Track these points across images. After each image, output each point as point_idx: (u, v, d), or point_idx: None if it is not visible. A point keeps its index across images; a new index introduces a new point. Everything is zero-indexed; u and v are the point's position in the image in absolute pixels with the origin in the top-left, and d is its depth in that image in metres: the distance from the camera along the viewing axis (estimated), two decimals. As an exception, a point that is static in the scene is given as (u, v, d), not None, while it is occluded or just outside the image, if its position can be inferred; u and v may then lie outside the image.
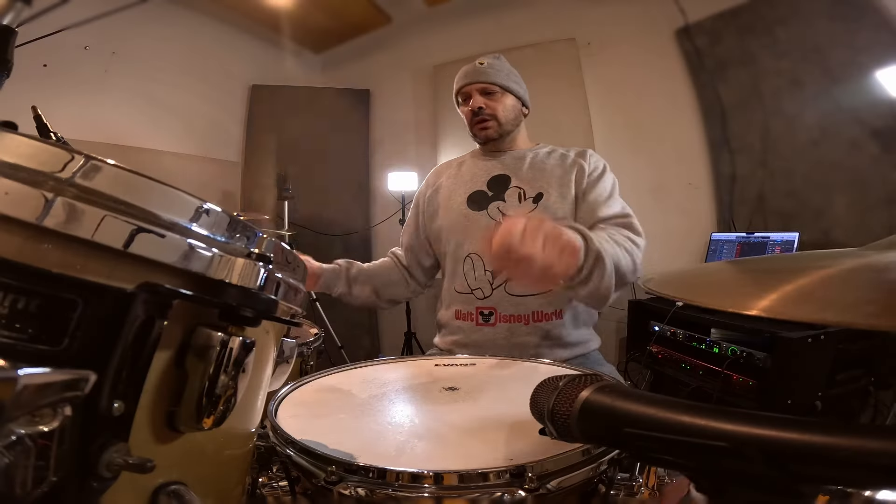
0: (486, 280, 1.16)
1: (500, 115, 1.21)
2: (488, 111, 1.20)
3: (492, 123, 1.21)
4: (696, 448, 0.35)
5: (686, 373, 1.83)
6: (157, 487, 0.35)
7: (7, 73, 0.45)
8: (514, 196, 1.19)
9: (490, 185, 1.22)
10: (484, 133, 1.22)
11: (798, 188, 2.18)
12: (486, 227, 1.16)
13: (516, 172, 1.22)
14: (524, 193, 1.18)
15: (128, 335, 0.31)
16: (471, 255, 1.18)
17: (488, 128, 1.21)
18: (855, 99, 2.00)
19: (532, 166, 1.22)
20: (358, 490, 0.47)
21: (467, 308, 1.18)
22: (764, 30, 2.22)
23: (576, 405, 0.43)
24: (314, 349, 1.36)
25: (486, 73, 1.21)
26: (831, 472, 0.31)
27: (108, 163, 0.32)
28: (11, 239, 0.29)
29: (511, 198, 1.19)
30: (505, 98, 1.22)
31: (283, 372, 0.55)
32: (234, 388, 0.37)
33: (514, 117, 1.24)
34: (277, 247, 0.42)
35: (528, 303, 1.13)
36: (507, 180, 1.21)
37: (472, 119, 1.23)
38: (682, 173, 2.49)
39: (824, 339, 1.53)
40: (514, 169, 1.22)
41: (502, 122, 1.22)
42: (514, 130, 1.26)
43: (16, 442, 0.26)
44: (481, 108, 1.20)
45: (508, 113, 1.22)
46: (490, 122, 1.21)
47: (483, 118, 1.21)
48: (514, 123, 1.25)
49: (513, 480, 0.46)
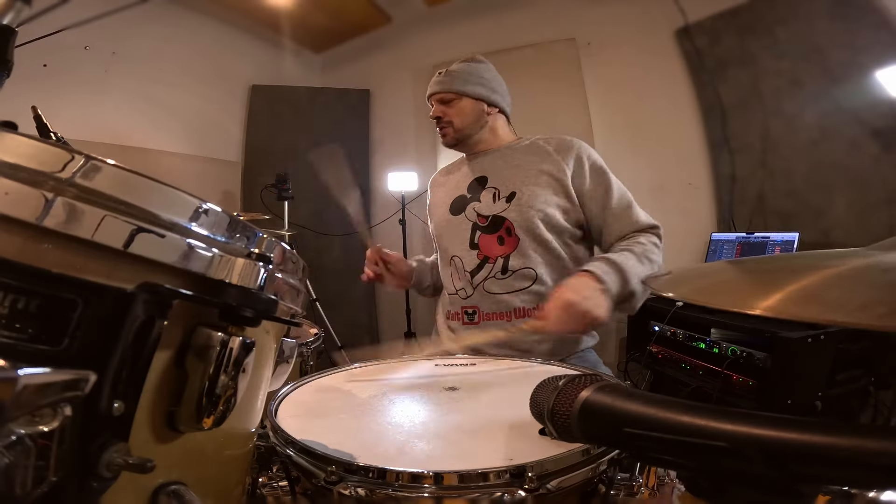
0: (468, 280, 1.18)
1: (455, 122, 1.25)
2: (445, 119, 1.25)
3: (448, 130, 1.26)
4: (696, 448, 0.35)
5: (686, 373, 1.83)
6: (157, 487, 0.35)
7: (7, 73, 0.45)
8: (489, 196, 1.21)
9: (470, 188, 1.25)
10: (444, 140, 1.28)
11: (798, 188, 2.18)
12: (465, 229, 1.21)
13: (493, 172, 1.24)
14: (498, 193, 1.20)
15: (128, 335, 0.31)
16: (454, 257, 1.22)
17: (446, 135, 1.27)
18: (855, 99, 2.00)
19: (508, 164, 1.23)
20: (358, 490, 0.47)
21: (454, 308, 1.22)
22: (764, 30, 2.22)
23: (576, 405, 0.43)
24: (314, 349, 1.36)
25: (441, 82, 1.26)
26: (831, 472, 0.31)
27: (108, 163, 0.32)
28: (11, 239, 0.29)
29: (486, 198, 1.21)
30: (461, 103, 1.24)
31: (283, 372, 0.55)
32: (234, 388, 0.37)
33: (473, 120, 1.25)
34: (277, 247, 0.42)
35: (507, 301, 1.15)
36: (484, 181, 1.24)
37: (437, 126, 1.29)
38: (682, 173, 2.49)
39: (824, 339, 1.53)
40: (492, 169, 1.25)
41: (458, 128, 1.25)
42: (479, 131, 1.27)
43: (16, 442, 0.26)
44: (439, 117, 1.26)
45: (466, 117, 1.25)
46: (446, 129, 1.26)
47: (441, 126, 1.26)
48: (474, 126, 1.26)
49: (513, 480, 0.46)
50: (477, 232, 1.19)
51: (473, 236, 1.20)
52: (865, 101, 1.97)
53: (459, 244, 1.21)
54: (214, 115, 3.11)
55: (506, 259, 1.16)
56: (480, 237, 1.19)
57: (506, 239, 1.17)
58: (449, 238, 1.24)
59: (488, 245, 1.18)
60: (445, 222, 1.26)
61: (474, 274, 1.18)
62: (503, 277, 1.15)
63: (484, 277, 1.17)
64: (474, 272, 1.18)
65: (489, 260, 1.17)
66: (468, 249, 1.19)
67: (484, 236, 1.18)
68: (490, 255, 1.17)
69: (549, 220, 1.15)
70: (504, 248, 1.16)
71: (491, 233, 1.18)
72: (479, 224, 1.19)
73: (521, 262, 1.15)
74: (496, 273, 1.16)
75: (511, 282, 1.15)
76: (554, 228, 1.16)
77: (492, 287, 1.16)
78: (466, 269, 1.19)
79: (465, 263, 1.20)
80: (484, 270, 1.17)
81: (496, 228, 1.17)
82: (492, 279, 1.16)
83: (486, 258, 1.17)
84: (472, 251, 1.19)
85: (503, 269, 1.15)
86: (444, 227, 1.26)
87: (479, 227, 1.19)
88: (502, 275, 1.15)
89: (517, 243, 1.15)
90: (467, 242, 1.20)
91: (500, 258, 1.16)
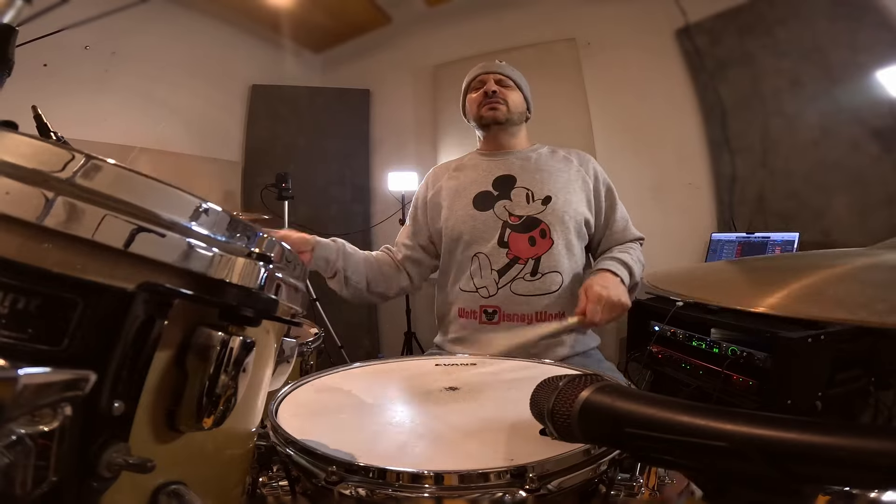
0: (493, 279, 1.16)
1: (510, 102, 1.27)
2: (501, 96, 1.26)
3: (502, 107, 1.26)
4: (696, 448, 0.35)
5: (686, 373, 1.83)
6: (157, 487, 0.35)
7: (8, 72, 0.45)
8: (522, 196, 1.21)
9: (495, 185, 1.24)
10: (492, 113, 1.26)
11: (798, 188, 2.18)
12: (493, 226, 1.19)
13: (521, 173, 1.24)
14: (532, 194, 1.20)
15: (128, 335, 0.31)
16: (478, 254, 1.19)
17: (498, 109, 1.25)
18: (855, 99, 2.00)
19: (538, 168, 1.25)
20: (358, 490, 0.46)
21: (471, 306, 1.19)
22: (764, 30, 2.22)
23: (576, 405, 0.43)
24: (314, 349, 1.36)
25: (502, 67, 1.29)
26: (831, 472, 0.31)
27: (109, 162, 0.32)
28: (12, 239, 0.29)
29: (518, 197, 1.21)
30: (516, 92, 1.29)
31: (283, 372, 0.55)
32: (235, 388, 0.37)
33: (520, 112, 1.30)
34: (278, 246, 0.42)
35: (533, 303, 1.14)
36: (512, 180, 1.23)
37: (482, 101, 1.27)
38: (682, 173, 2.49)
39: (824, 339, 1.53)
40: (519, 169, 1.25)
41: (511, 110, 1.27)
42: (518, 126, 1.31)
43: (16, 442, 0.26)
44: (494, 91, 1.26)
45: (517, 106, 1.29)
46: (501, 105, 1.26)
47: (495, 100, 1.26)
48: (519, 118, 1.30)
49: (513, 481, 0.46)
50: (507, 230, 1.18)
51: (504, 234, 1.18)
52: (865, 101, 1.97)
53: (487, 241, 1.18)
54: (214, 115, 3.11)
55: (537, 261, 1.15)
56: (511, 236, 1.17)
57: (538, 241, 1.17)
58: (473, 233, 1.20)
59: (518, 245, 1.17)
60: (469, 217, 1.21)
61: (502, 273, 1.16)
62: (532, 279, 1.15)
63: (512, 278, 1.15)
64: (502, 271, 1.16)
65: (519, 260, 1.16)
66: (497, 247, 1.17)
67: (515, 235, 1.17)
68: (521, 256, 1.16)
69: (579, 229, 1.21)
70: (535, 250, 1.16)
71: (523, 232, 1.17)
72: (511, 223, 1.18)
73: (550, 264, 1.16)
74: (526, 274, 1.15)
75: (540, 284, 1.15)
76: (581, 236, 1.22)
77: (519, 288, 1.15)
78: (494, 268, 1.17)
79: (492, 261, 1.17)
80: (513, 270, 1.16)
81: (529, 229, 1.17)
82: (520, 280, 1.15)
83: (517, 258, 1.16)
84: (501, 249, 1.17)
85: (533, 271, 1.15)
86: (467, 221, 1.21)
87: (511, 226, 1.18)
88: (532, 276, 1.15)
89: (550, 246, 1.16)
90: (496, 240, 1.18)
91: (532, 259, 1.16)
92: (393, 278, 1.29)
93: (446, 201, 1.27)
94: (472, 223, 1.21)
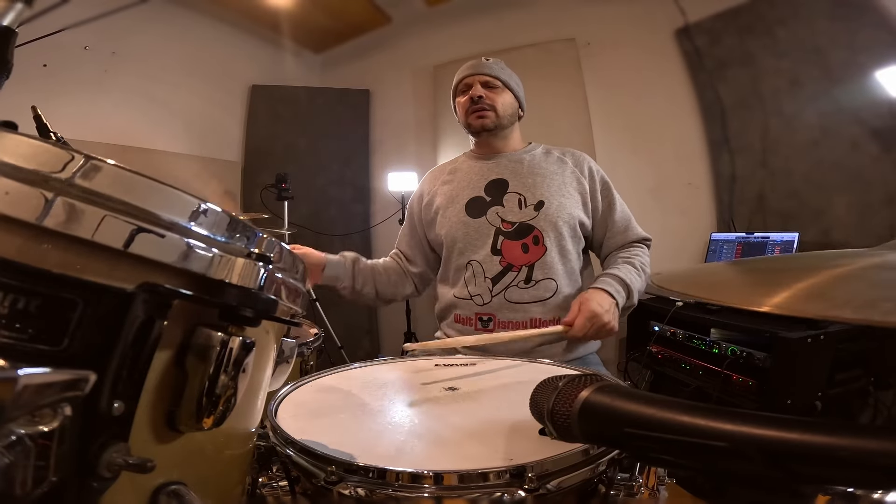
0: (487, 287, 1.15)
1: (498, 107, 1.22)
2: (487, 101, 1.21)
3: (489, 113, 1.21)
4: (696, 448, 0.35)
5: (686, 373, 1.83)
6: (157, 487, 0.35)
7: (7, 74, 0.45)
8: (514, 201, 1.19)
9: (487, 190, 1.22)
10: (480, 122, 1.22)
11: (798, 188, 2.18)
12: (486, 233, 1.17)
13: (514, 176, 1.22)
14: (524, 200, 1.18)
15: (128, 335, 0.31)
16: (472, 262, 1.18)
17: (486, 117, 1.21)
18: (855, 99, 2.00)
19: (531, 171, 1.22)
20: (358, 490, 0.47)
21: (466, 313, 1.18)
22: (764, 30, 2.22)
23: (576, 405, 0.43)
24: (314, 349, 1.36)
25: (489, 67, 1.23)
26: (831, 472, 0.31)
27: (108, 163, 0.32)
28: (11, 239, 0.29)
29: (510, 203, 1.19)
30: (504, 94, 1.24)
31: (283, 372, 0.55)
32: (234, 388, 0.37)
33: (510, 114, 1.25)
34: (277, 247, 0.42)
35: (527, 309, 1.14)
36: (504, 184, 1.21)
37: (469, 108, 1.23)
38: (682, 173, 2.49)
39: (824, 339, 1.53)
40: (512, 173, 1.22)
41: (500, 115, 1.22)
42: (509, 128, 1.26)
43: (16, 442, 0.26)
44: (481, 97, 1.21)
45: (507, 108, 1.24)
46: (488, 112, 1.21)
47: (482, 107, 1.21)
48: (510, 120, 1.25)
49: (513, 480, 0.46)
50: (500, 237, 1.16)
51: (496, 242, 1.16)
52: (865, 101, 1.97)
53: (480, 249, 1.17)
54: (214, 115, 3.11)
55: (530, 268, 1.14)
56: (504, 243, 1.16)
57: (531, 248, 1.15)
58: (466, 241, 1.19)
59: (512, 252, 1.15)
60: (462, 224, 1.20)
61: (496, 281, 1.15)
62: (526, 287, 1.14)
63: (506, 285, 1.14)
64: (496, 279, 1.15)
65: (513, 268, 1.15)
66: (489, 255, 1.16)
67: (507, 242, 1.16)
68: (514, 263, 1.15)
69: (574, 233, 1.18)
70: (528, 257, 1.15)
71: (515, 239, 1.16)
72: (503, 230, 1.16)
73: (544, 272, 1.14)
74: (519, 282, 1.14)
75: (534, 291, 1.14)
76: (576, 239, 1.19)
77: (513, 296, 1.14)
78: (487, 276, 1.16)
79: (485, 269, 1.16)
80: (507, 278, 1.15)
81: (521, 236, 1.16)
82: (514, 287, 1.14)
83: (510, 266, 1.15)
84: (495, 257, 1.15)
85: (527, 279, 1.14)
86: (459, 228, 1.20)
87: (503, 233, 1.16)
88: (525, 284, 1.14)
89: (543, 253, 1.14)
90: (489, 248, 1.16)
91: (525, 267, 1.14)
92: (400, 285, 1.31)
93: (441, 209, 1.26)
94: (465, 230, 1.19)
